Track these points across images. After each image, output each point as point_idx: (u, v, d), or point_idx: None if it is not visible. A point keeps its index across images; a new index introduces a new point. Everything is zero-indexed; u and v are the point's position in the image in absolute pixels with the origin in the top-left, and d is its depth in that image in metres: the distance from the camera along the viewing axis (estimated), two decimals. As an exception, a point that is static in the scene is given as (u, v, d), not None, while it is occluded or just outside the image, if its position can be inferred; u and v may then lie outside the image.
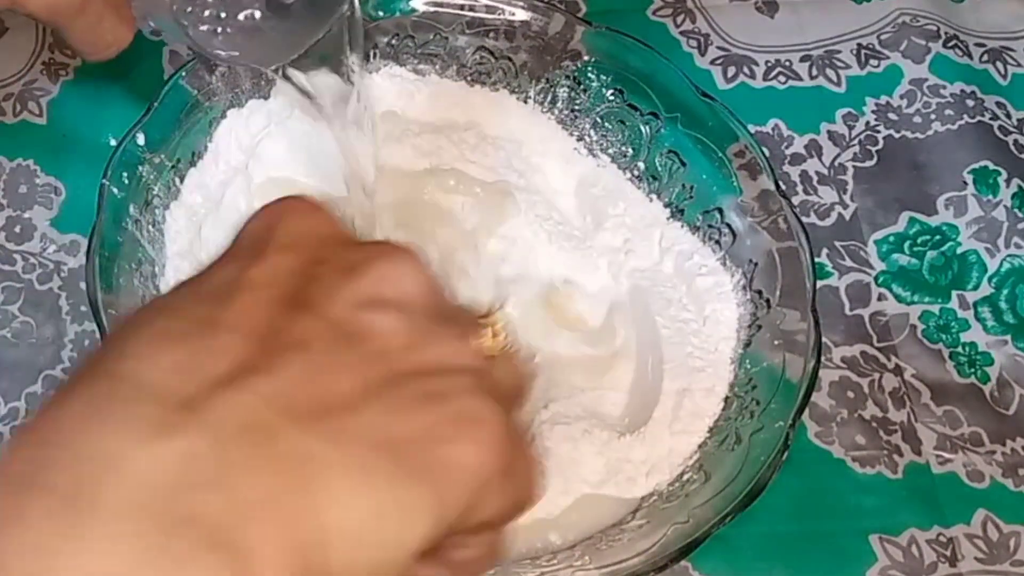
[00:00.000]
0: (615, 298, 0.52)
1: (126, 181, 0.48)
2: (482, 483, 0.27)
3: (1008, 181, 0.57)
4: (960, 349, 0.54)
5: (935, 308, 0.55)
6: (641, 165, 0.53)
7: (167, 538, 0.23)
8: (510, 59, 0.54)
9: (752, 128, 0.55)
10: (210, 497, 0.23)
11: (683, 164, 0.52)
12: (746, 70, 0.61)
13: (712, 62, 0.61)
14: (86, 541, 0.23)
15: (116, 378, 0.25)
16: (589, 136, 0.54)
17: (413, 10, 0.54)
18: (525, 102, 0.55)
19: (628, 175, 0.53)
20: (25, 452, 0.24)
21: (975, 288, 0.55)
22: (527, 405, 0.31)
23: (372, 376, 0.26)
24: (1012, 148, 0.59)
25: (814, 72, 0.61)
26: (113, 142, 0.49)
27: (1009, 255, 0.56)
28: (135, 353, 0.26)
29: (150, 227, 0.49)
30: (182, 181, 0.51)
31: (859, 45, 0.62)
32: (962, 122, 0.59)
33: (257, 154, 0.52)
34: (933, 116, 0.59)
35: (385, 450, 0.25)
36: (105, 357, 0.26)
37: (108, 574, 0.22)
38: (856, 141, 0.59)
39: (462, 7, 0.54)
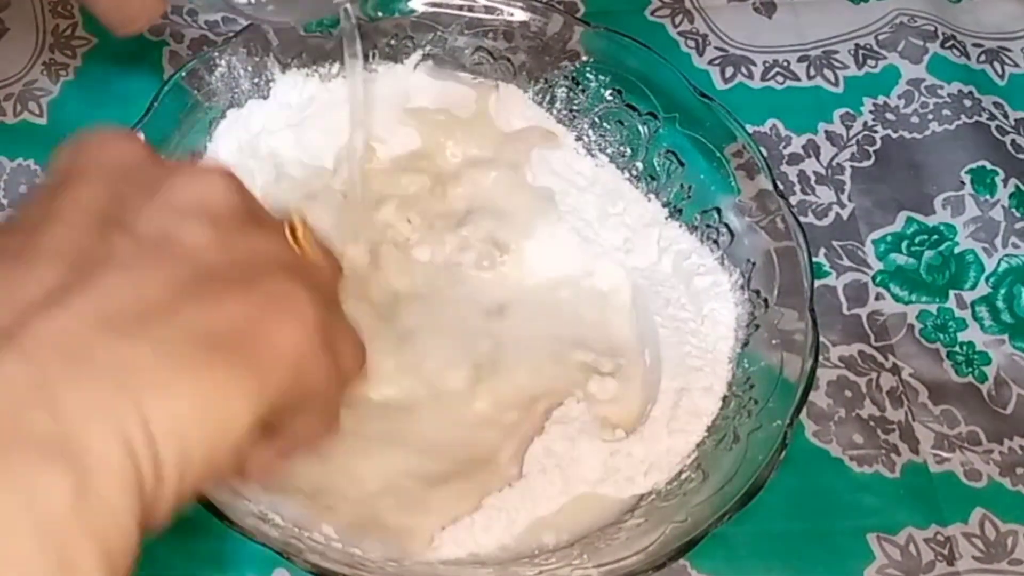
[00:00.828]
0: (616, 297, 0.52)
1: (126, 181, 0.48)
2: (300, 359, 0.29)
3: (1005, 181, 0.58)
4: (958, 348, 0.54)
5: (933, 307, 0.55)
6: (639, 165, 0.53)
7: (3, 459, 0.24)
8: (509, 59, 0.54)
9: (750, 128, 0.55)
10: (35, 414, 0.25)
11: (681, 164, 0.52)
12: (744, 70, 0.61)
13: (710, 62, 0.61)
14: None
15: None
16: (587, 136, 0.54)
17: (412, 10, 0.54)
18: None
19: (626, 175, 0.54)
20: None
21: (972, 288, 0.56)
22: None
23: (181, 277, 0.28)
24: (1009, 148, 0.59)
25: (812, 72, 0.61)
26: (113, 142, 0.49)
27: (1006, 255, 0.56)
28: None
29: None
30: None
31: (857, 45, 0.62)
32: (959, 122, 0.59)
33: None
34: (931, 116, 0.60)
35: (199, 343, 0.27)
36: None
37: None
38: (854, 141, 0.59)
39: (461, 8, 0.54)
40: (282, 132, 0.53)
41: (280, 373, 0.28)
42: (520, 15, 0.53)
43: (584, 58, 0.53)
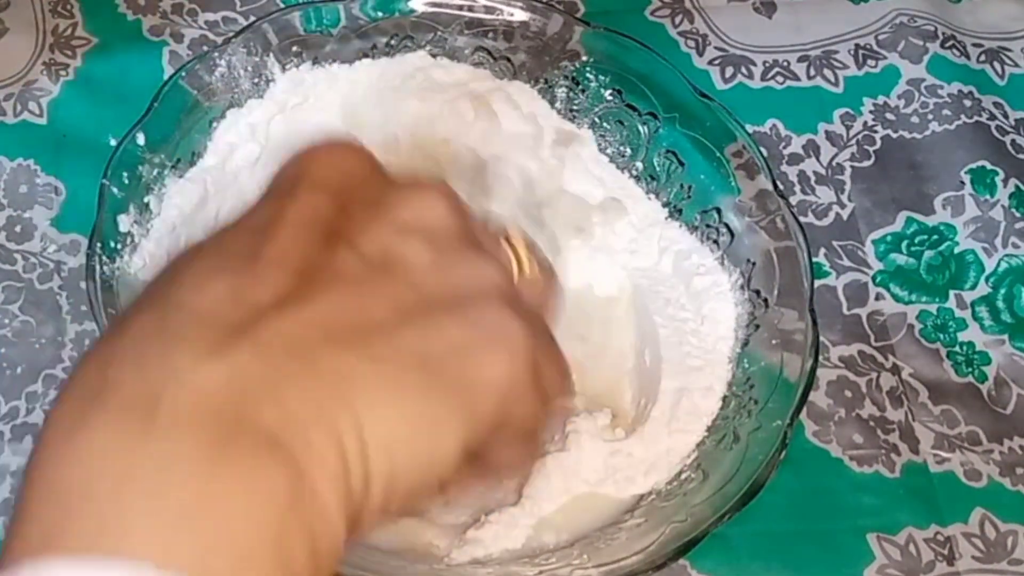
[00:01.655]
0: (619, 297, 0.52)
1: (126, 181, 0.48)
2: (509, 392, 0.29)
3: (1005, 181, 0.58)
4: (958, 348, 0.54)
5: (933, 307, 0.55)
6: (639, 165, 0.53)
7: (227, 440, 0.25)
8: (509, 59, 0.54)
9: (750, 128, 0.55)
10: (263, 407, 0.25)
11: (681, 164, 0.52)
12: (744, 70, 0.61)
13: (710, 62, 0.61)
14: (151, 442, 0.24)
15: (172, 306, 0.27)
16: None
17: (412, 10, 0.54)
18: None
19: (626, 175, 0.54)
20: (90, 370, 0.26)
21: (972, 288, 0.56)
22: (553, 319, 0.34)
23: (402, 300, 0.29)
24: (1009, 148, 0.59)
25: (812, 72, 0.61)
26: (113, 142, 0.49)
27: (1006, 255, 0.56)
28: (189, 284, 0.28)
29: (149, 226, 0.49)
30: (181, 180, 0.51)
31: (857, 45, 0.62)
32: (959, 122, 0.59)
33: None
34: (931, 116, 0.60)
35: (416, 367, 0.28)
36: (160, 290, 0.28)
37: (172, 471, 0.24)
38: (854, 141, 0.59)
39: (461, 8, 0.54)
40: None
41: (489, 405, 0.29)
42: (520, 15, 0.53)
43: (584, 58, 0.53)
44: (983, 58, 0.62)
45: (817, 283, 0.49)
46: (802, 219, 0.52)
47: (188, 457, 0.24)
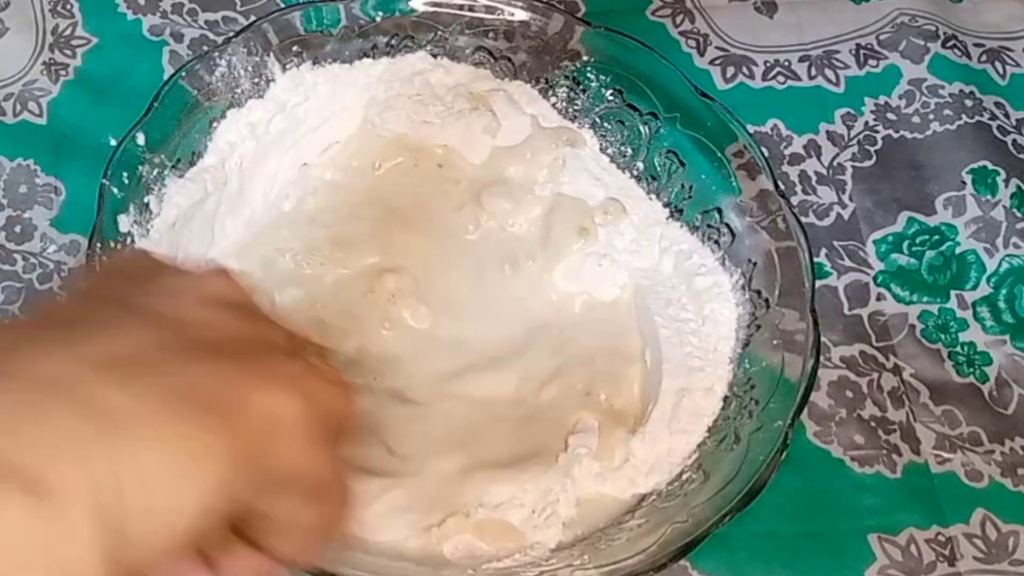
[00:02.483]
0: (621, 298, 0.52)
1: (126, 181, 0.48)
2: (276, 429, 0.28)
3: (1007, 181, 0.58)
4: (959, 349, 0.54)
5: (934, 308, 0.55)
6: (640, 165, 0.53)
7: None
8: (509, 59, 0.54)
9: (751, 128, 0.55)
10: (11, 440, 0.25)
11: (682, 164, 0.52)
12: (745, 70, 0.61)
13: (711, 62, 0.61)
14: None
15: None
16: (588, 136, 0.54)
17: (413, 10, 0.54)
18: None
19: (627, 175, 0.53)
20: None
21: (974, 288, 0.56)
22: (350, 441, 0.32)
23: (180, 340, 0.28)
24: (1011, 148, 0.59)
25: (813, 72, 0.61)
26: (113, 142, 0.49)
27: (1008, 255, 0.56)
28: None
29: (149, 226, 0.49)
30: (181, 179, 0.51)
31: (858, 45, 0.62)
32: (961, 122, 0.59)
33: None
34: (932, 116, 0.59)
35: (184, 398, 0.27)
36: None
37: None
38: (855, 141, 0.59)
39: (461, 7, 0.54)
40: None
41: (256, 441, 0.28)
42: (521, 15, 0.53)
43: (585, 58, 0.53)
44: (984, 58, 0.62)
45: (818, 283, 0.49)
46: (803, 219, 0.52)
47: None
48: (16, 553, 0.24)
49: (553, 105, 0.54)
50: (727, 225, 0.50)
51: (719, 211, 0.51)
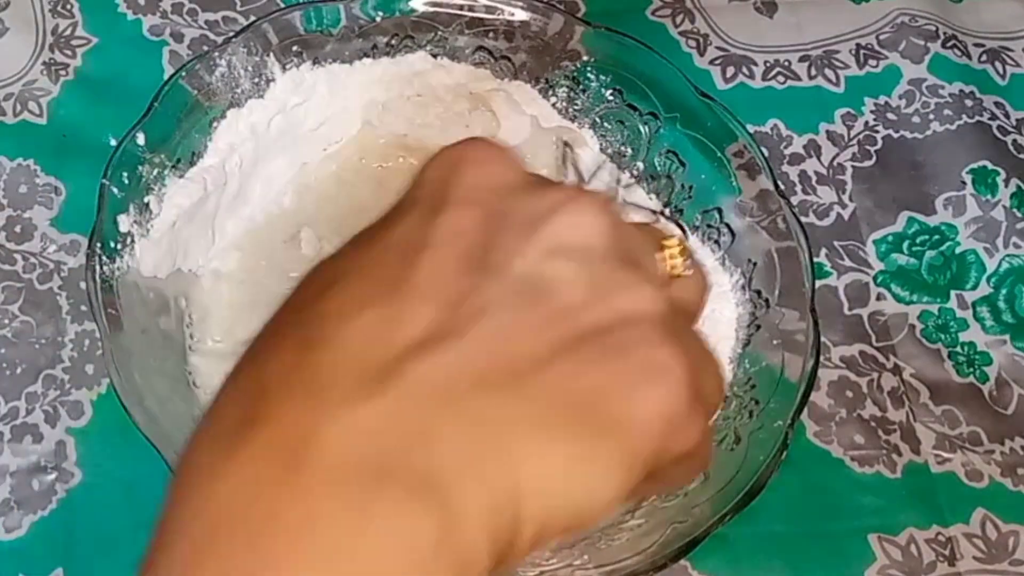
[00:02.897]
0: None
1: (126, 181, 0.48)
2: (668, 425, 0.28)
3: (1007, 181, 0.58)
4: (959, 349, 0.54)
5: (934, 308, 0.55)
6: (640, 165, 0.53)
7: (374, 486, 0.24)
8: (509, 59, 0.54)
9: (751, 128, 0.55)
10: (412, 454, 0.25)
11: (682, 164, 0.52)
12: (745, 70, 0.61)
13: (711, 62, 0.61)
14: (298, 486, 0.24)
15: (318, 339, 0.26)
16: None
17: (413, 10, 0.53)
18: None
19: (627, 175, 0.53)
20: (238, 398, 0.26)
21: (974, 288, 0.56)
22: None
23: (556, 336, 0.27)
24: (1011, 148, 0.59)
25: (813, 72, 0.61)
26: (113, 142, 0.49)
27: (1008, 255, 0.56)
28: (335, 315, 0.27)
29: (149, 226, 0.49)
30: (181, 179, 0.51)
31: (858, 45, 0.62)
32: (961, 122, 0.59)
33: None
34: (932, 116, 0.59)
35: (572, 407, 0.26)
36: (304, 315, 0.28)
37: (318, 514, 0.23)
38: (855, 141, 0.59)
39: (461, 7, 0.54)
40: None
41: (647, 442, 0.28)
42: (521, 15, 0.53)
43: (585, 58, 0.53)
44: (984, 58, 0.62)
45: (818, 283, 0.49)
46: (803, 219, 0.52)
47: (335, 502, 0.24)
48: (417, 559, 0.24)
49: (553, 105, 0.54)
50: (727, 225, 0.50)
51: (719, 211, 0.51)
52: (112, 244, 0.47)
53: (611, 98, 0.53)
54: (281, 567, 0.23)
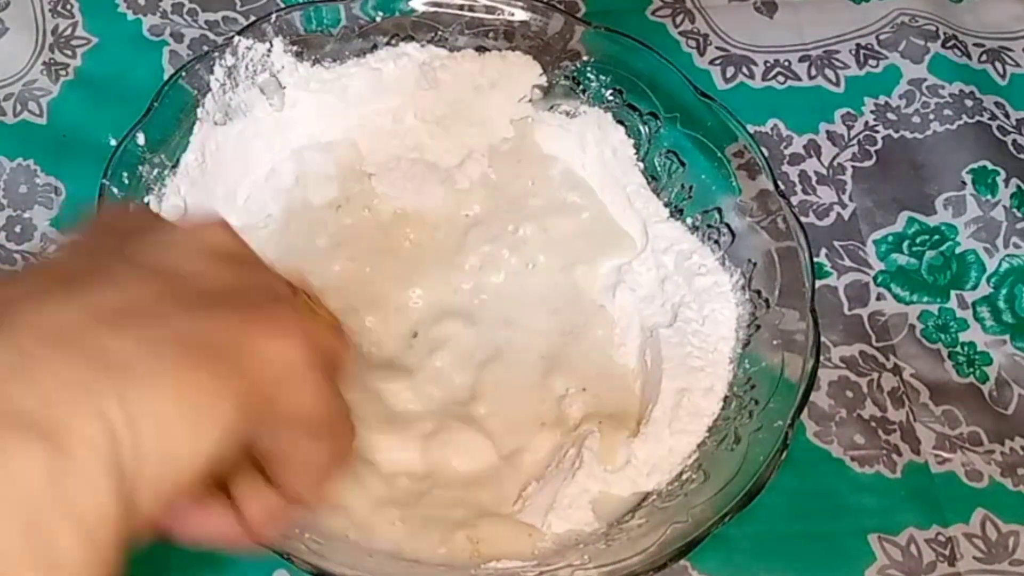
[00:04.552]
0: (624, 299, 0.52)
1: (126, 181, 0.48)
2: (286, 370, 0.29)
3: (1007, 181, 0.58)
4: (959, 349, 0.54)
5: (934, 308, 0.55)
6: (640, 165, 0.53)
7: None
8: (509, 59, 0.54)
9: (751, 128, 0.55)
10: (12, 389, 0.25)
11: (682, 164, 0.52)
12: (745, 70, 0.61)
13: (711, 62, 0.61)
14: None
15: None
16: (588, 136, 0.54)
17: (413, 10, 0.53)
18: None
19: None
20: None
21: (974, 288, 0.56)
22: (347, 377, 0.33)
23: (181, 291, 0.29)
24: (1011, 148, 0.59)
25: (813, 72, 0.61)
26: (113, 142, 0.49)
27: (1008, 255, 0.56)
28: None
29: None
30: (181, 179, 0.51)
31: (858, 45, 0.62)
32: (961, 122, 0.59)
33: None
34: (932, 116, 0.59)
35: (187, 345, 0.28)
36: None
37: None
38: (855, 141, 0.59)
39: (461, 7, 0.54)
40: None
41: (262, 384, 0.29)
42: (521, 15, 0.53)
43: (585, 58, 0.53)
44: (984, 58, 0.62)
45: (818, 283, 0.49)
46: (803, 219, 0.52)
47: None
48: (33, 500, 0.24)
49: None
50: (727, 225, 0.50)
51: (719, 211, 0.51)
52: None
53: (611, 98, 0.53)
54: None
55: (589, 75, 0.53)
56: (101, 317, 0.27)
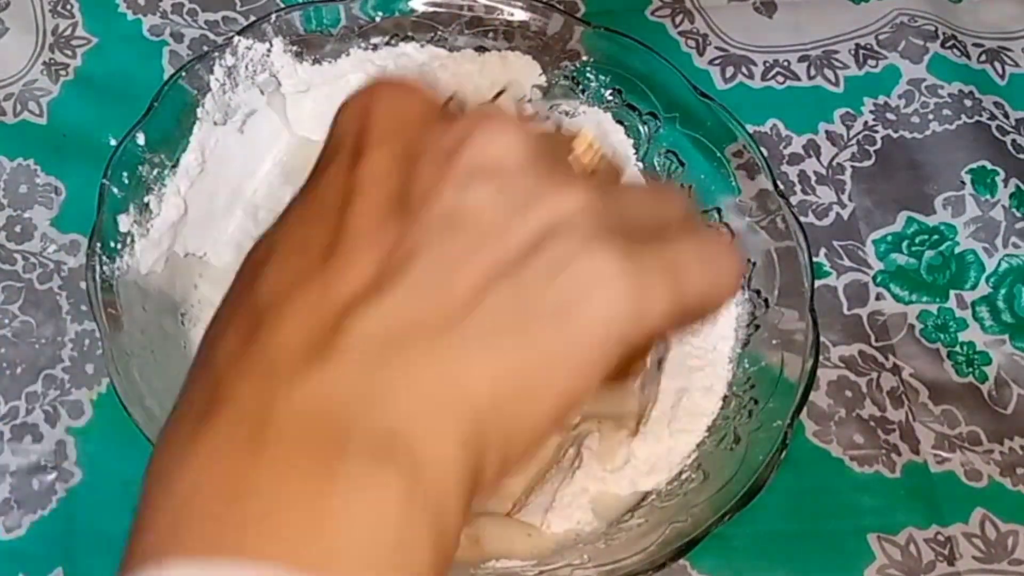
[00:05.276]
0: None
1: (126, 181, 0.48)
2: (616, 328, 0.28)
3: (1006, 181, 0.58)
4: (958, 348, 0.54)
5: (933, 307, 0.55)
6: (640, 165, 0.53)
7: (336, 455, 0.24)
8: (509, 59, 0.54)
9: (750, 128, 0.55)
10: (367, 414, 0.25)
11: (682, 164, 0.52)
12: (744, 70, 0.61)
13: (710, 62, 0.61)
14: (262, 458, 0.24)
15: (262, 310, 0.27)
16: (588, 136, 0.54)
17: (412, 10, 0.54)
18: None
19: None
20: (200, 385, 0.27)
21: (973, 288, 0.56)
22: None
23: (486, 263, 0.27)
24: (1010, 148, 0.59)
25: (812, 72, 0.61)
26: (113, 142, 0.49)
27: (1007, 255, 0.56)
28: (274, 282, 0.28)
29: (149, 226, 0.49)
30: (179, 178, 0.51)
31: (857, 45, 0.62)
32: (960, 122, 0.59)
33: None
34: (931, 116, 0.59)
35: (512, 327, 0.27)
36: (245, 292, 0.28)
37: (286, 483, 0.24)
38: (854, 141, 0.59)
39: (461, 7, 0.54)
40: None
41: (597, 348, 0.28)
42: (520, 15, 0.53)
43: (584, 58, 0.53)
44: (983, 58, 0.62)
45: (817, 283, 0.49)
46: (802, 219, 0.52)
47: (301, 470, 0.24)
48: (387, 522, 0.24)
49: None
50: (726, 225, 0.50)
51: (718, 211, 0.51)
52: (112, 244, 0.47)
53: (611, 98, 0.53)
54: (253, 537, 0.23)
55: (588, 75, 0.53)
56: (424, 320, 0.26)
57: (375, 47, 0.54)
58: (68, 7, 0.61)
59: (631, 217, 0.30)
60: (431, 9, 0.54)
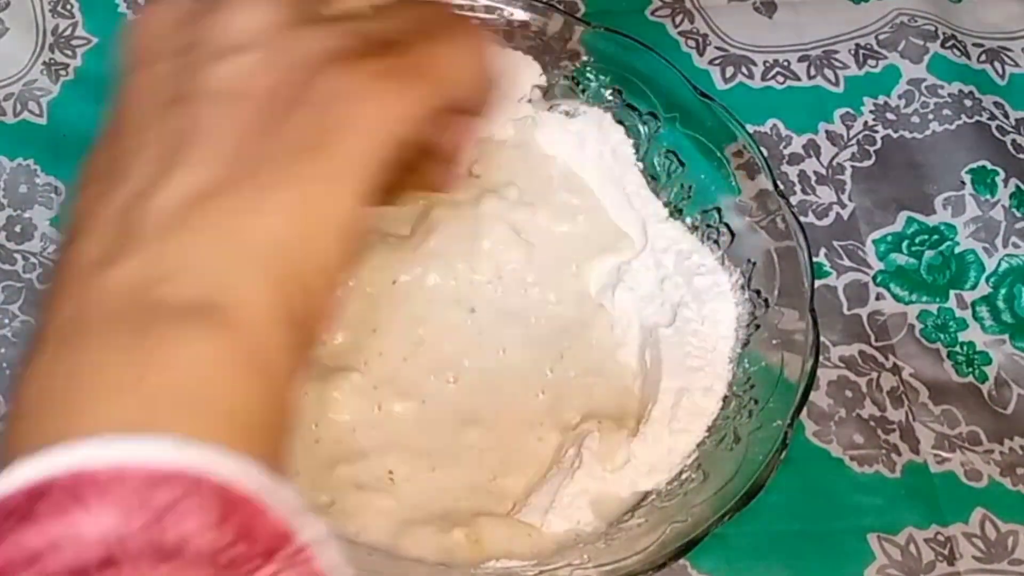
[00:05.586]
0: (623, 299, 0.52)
1: (126, 181, 0.48)
2: (372, 138, 0.29)
3: (1006, 181, 0.58)
4: (958, 348, 0.54)
5: (933, 307, 0.55)
6: (640, 165, 0.53)
7: (149, 321, 0.26)
8: (509, 59, 0.54)
9: (750, 128, 0.55)
10: (171, 278, 0.27)
11: (681, 164, 0.52)
12: (744, 70, 0.61)
13: (710, 62, 0.61)
14: (86, 350, 0.27)
15: (70, 238, 0.30)
16: (588, 136, 0.54)
17: (412, 10, 0.53)
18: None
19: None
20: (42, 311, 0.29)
21: (973, 287, 0.56)
22: None
23: (239, 118, 0.29)
24: (1010, 148, 0.59)
25: (812, 72, 0.61)
26: (113, 142, 0.49)
27: (1007, 255, 0.56)
28: (80, 211, 0.31)
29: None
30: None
31: (857, 45, 0.62)
32: (960, 122, 0.59)
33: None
34: (931, 116, 0.59)
35: (278, 163, 0.28)
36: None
37: (104, 363, 0.26)
38: (854, 141, 0.59)
39: (461, 7, 0.54)
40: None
41: (365, 154, 0.29)
42: (520, 15, 0.53)
43: (584, 58, 0.53)
44: (984, 58, 0.62)
45: (817, 283, 0.49)
46: (802, 219, 0.52)
47: (119, 345, 0.26)
48: (211, 374, 0.26)
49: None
50: (726, 225, 0.50)
51: (718, 211, 0.51)
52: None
53: (611, 98, 0.53)
54: (72, 412, 0.26)
55: (588, 75, 0.53)
56: (210, 190, 0.28)
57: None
58: (68, 7, 0.61)
59: (375, 32, 0.31)
60: (431, 9, 0.54)
